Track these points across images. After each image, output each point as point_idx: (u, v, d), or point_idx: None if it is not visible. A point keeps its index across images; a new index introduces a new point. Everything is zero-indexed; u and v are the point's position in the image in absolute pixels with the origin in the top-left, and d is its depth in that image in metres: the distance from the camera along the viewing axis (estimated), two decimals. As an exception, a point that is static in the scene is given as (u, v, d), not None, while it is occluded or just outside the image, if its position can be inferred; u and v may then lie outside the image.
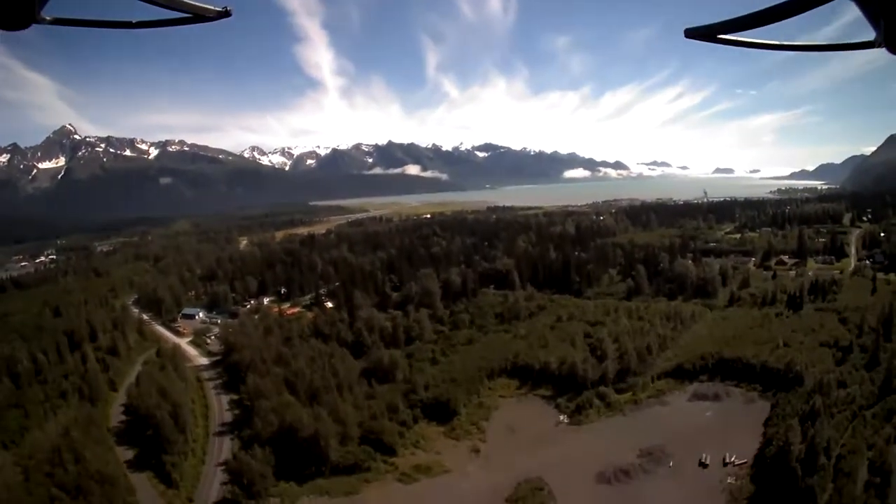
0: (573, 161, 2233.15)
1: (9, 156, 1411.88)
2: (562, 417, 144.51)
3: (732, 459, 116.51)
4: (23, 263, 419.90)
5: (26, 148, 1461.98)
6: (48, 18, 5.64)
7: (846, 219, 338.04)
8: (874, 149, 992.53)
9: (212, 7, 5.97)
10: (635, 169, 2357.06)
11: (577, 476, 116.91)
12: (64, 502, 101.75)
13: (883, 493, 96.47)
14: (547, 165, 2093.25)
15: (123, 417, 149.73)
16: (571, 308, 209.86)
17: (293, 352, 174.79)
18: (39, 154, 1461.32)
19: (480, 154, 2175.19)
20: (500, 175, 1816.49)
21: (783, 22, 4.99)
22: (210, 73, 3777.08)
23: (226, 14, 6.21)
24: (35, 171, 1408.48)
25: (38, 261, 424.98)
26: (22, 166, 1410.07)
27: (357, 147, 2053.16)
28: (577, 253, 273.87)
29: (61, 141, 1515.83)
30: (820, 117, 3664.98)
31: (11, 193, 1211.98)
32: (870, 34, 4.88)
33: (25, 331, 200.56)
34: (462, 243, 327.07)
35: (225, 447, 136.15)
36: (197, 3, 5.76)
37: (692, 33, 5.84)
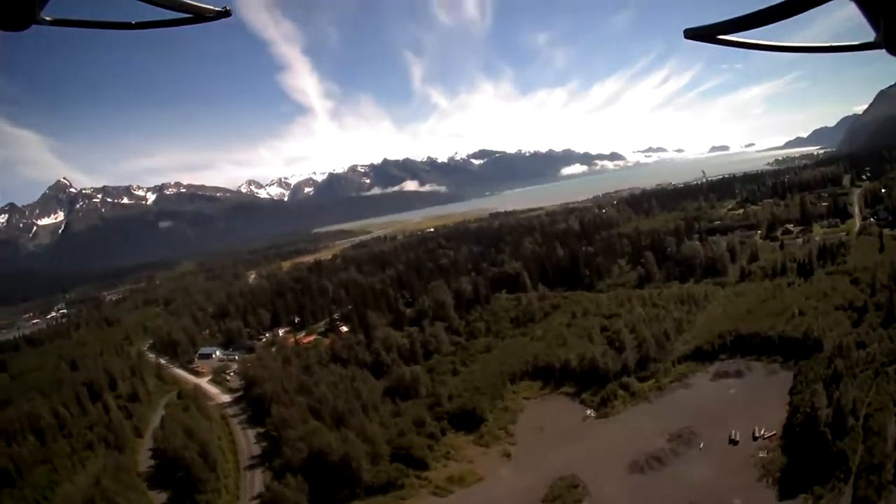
0: (569, 157, 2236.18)
1: (7, 216, 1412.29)
2: (588, 412, 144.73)
3: (762, 433, 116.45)
4: (34, 321, 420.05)
5: (23, 206, 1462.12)
6: (48, 19, 5.66)
7: (846, 180, 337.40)
8: (865, 107, 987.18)
9: (211, 7, 5.98)
10: (631, 158, 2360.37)
11: (610, 468, 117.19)
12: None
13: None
14: (543, 165, 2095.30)
15: (152, 462, 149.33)
16: (585, 303, 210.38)
17: (314, 379, 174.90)
18: (37, 211, 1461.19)
19: (476, 161, 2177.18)
20: (497, 180, 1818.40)
21: (783, 22, 4.95)
22: (196, 110, 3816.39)
23: (225, 14, 6.25)
24: (35, 228, 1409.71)
25: (49, 316, 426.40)
26: (21, 225, 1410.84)
27: (353, 169, 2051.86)
28: (583, 248, 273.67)
29: (57, 196, 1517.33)
30: (808, 82, 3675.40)
31: (12, 252, 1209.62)
32: (870, 34, 4.84)
33: (44, 386, 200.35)
34: (469, 252, 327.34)
35: (257, 480, 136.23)
36: (197, 4, 5.79)
37: (691, 34, 5.76)
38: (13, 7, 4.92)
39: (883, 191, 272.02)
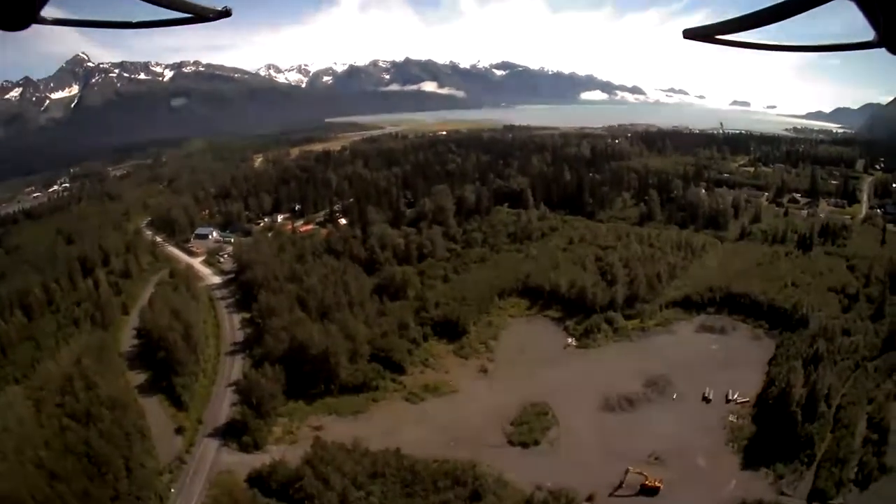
0: (590, 83, 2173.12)
1: (20, 89, 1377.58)
2: (570, 340, 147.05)
3: (735, 397, 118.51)
4: (35, 195, 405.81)
5: (38, 80, 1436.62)
6: (48, 18, 5.80)
7: (859, 165, 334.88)
8: (890, 98, 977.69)
9: (212, 7, 6.15)
10: (652, 95, 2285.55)
11: (582, 401, 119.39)
12: (75, 431, 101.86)
13: (880, 451, 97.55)
14: (564, 86, 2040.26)
15: (136, 341, 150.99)
16: (583, 230, 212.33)
17: (306, 269, 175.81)
18: (52, 85, 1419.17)
19: (498, 72, 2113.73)
20: (516, 94, 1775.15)
21: (783, 22, 5.17)
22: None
23: (226, 14, 6.44)
24: (47, 102, 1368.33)
25: (50, 190, 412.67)
26: (34, 99, 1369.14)
27: (374, 63, 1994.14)
28: (591, 175, 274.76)
29: (74, 70, 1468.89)
30: (839, 59, 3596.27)
31: (23, 126, 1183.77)
32: (870, 34, 5.03)
33: (38, 261, 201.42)
34: (477, 161, 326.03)
35: (236, 367, 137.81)
36: (197, 3, 5.91)
37: (690, 34, 6.04)
38: (13, 7, 5.10)
39: (894, 186, 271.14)
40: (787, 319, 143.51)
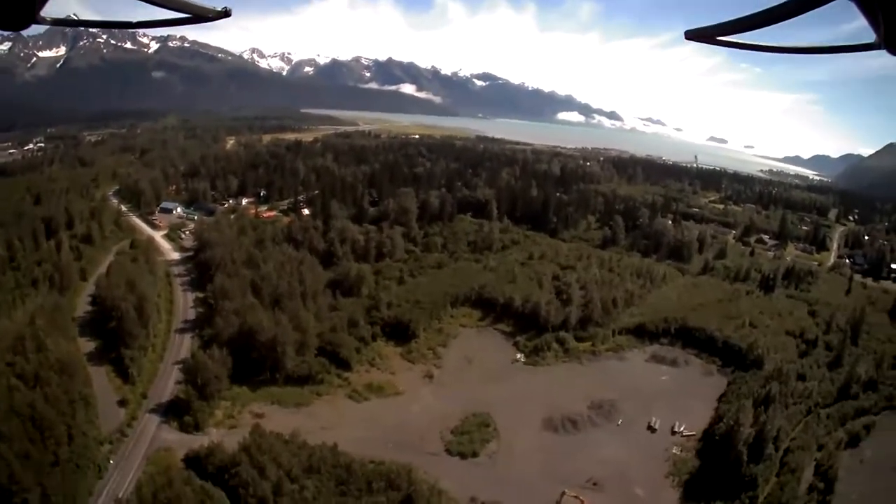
0: (569, 103, 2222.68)
1: (10, 44, 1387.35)
2: (518, 356, 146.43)
3: (681, 429, 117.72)
4: (11, 151, 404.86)
5: (28, 37, 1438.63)
6: (48, 18, 5.79)
7: (832, 214, 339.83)
8: (871, 151, 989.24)
9: (212, 7, 6.02)
10: (630, 122, 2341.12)
11: (525, 417, 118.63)
12: (21, 392, 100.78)
13: (824, 500, 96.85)
14: (542, 103, 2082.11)
15: (90, 308, 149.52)
16: (544, 247, 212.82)
17: (264, 255, 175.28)
18: (41, 43, 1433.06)
19: (478, 82, 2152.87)
20: (494, 106, 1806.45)
21: (783, 22, 4.98)
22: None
23: (226, 14, 6.26)
24: (34, 59, 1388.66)
25: (25, 148, 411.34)
26: (22, 54, 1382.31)
27: (357, 59, 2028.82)
28: (558, 194, 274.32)
29: (63, 30, 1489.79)
30: (822, 107, 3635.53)
31: (8, 80, 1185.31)
32: (870, 35, 4.86)
33: (5, 217, 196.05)
34: (446, 167, 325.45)
35: (185, 345, 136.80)
36: (197, 4, 5.79)
37: (692, 35, 5.89)
38: (13, 7, 4.96)
39: (866, 237, 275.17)
40: (741, 358, 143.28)
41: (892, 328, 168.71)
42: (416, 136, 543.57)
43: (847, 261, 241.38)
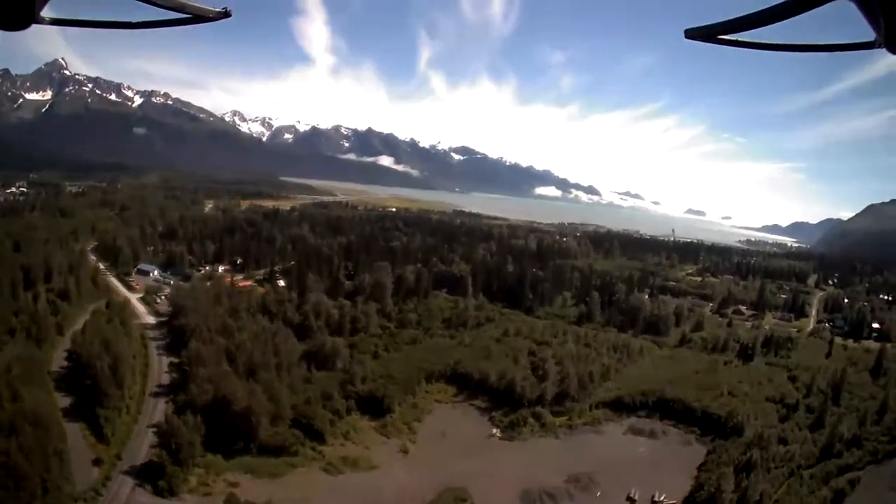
0: (547, 178, 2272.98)
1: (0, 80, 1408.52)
2: (494, 431, 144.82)
3: (661, 499, 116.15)
4: None
5: (17, 75, 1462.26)
6: (48, 19, 5.62)
7: (811, 279, 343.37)
8: (851, 215, 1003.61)
9: (212, 8, 5.97)
10: (607, 196, 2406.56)
11: (502, 492, 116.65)
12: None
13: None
14: (520, 178, 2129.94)
15: (66, 363, 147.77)
16: (520, 324, 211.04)
17: (238, 324, 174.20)
18: (28, 84, 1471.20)
19: (456, 156, 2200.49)
20: (471, 180, 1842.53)
21: (783, 22, 4.91)
22: (204, 27, 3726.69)
23: (226, 15, 6.17)
24: (21, 100, 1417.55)
25: (8, 191, 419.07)
26: (10, 94, 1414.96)
27: (336, 129, 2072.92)
28: (534, 270, 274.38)
29: (51, 74, 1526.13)
30: (803, 175, 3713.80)
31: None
32: (870, 34, 4.80)
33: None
34: (422, 242, 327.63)
35: (159, 409, 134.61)
36: (197, 4, 5.74)
37: (692, 34, 5.73)
38: (13, 7, 4.98)
39: (846, 300, 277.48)
40: (720, 427, 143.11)
41: (874, 385, 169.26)
42: (394, 209, 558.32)
43: (827, 325, 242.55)
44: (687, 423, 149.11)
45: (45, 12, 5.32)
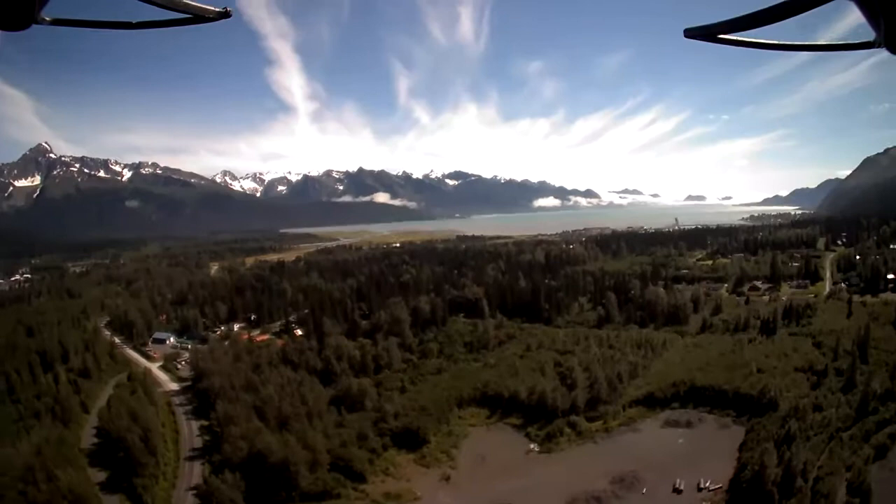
0: (544, 189, 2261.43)
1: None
2: (532, 446, 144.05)
3: (707, 484, 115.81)
4: None
5: (2, 164, 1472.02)
6: (48, 19, 5.56)
7: (820, 243, 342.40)
8: (849, 172, 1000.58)
9: (212, 7, 5.90)
10: (606, 197, 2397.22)
11: (549, 503, 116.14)
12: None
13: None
14: (517, 194, 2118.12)
15: (95, 440, 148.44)
16: (541, 336, 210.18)
17: (262, 379, 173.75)
18: (16, 172, 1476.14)
19: (450, 182, 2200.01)
20: (470, 203, 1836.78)
21: (783, 22, 4.92)
22: (182, 94, 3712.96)
23: (226, 14, 6.13)
24: (11, 188, 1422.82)
25: (12, 279, 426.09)
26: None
27: (328, 174, 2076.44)
28: (546, 281, 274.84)
29: (37, 159, 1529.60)
30: (795, 140, 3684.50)
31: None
32: (870, 34, 4.83)
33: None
34: (431, 272, 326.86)
35: (195, 472, 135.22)
36: (197, 4, 5.72)
37: (692, 33, 5.72)
38: (13, 7, 4.95)
39: (857, 257, 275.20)
40: (754, 405, 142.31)
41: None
42: (397, 245, 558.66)
43: (843, 285, 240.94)
44: (721, 407, 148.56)
45: (46, 12, 5.34)
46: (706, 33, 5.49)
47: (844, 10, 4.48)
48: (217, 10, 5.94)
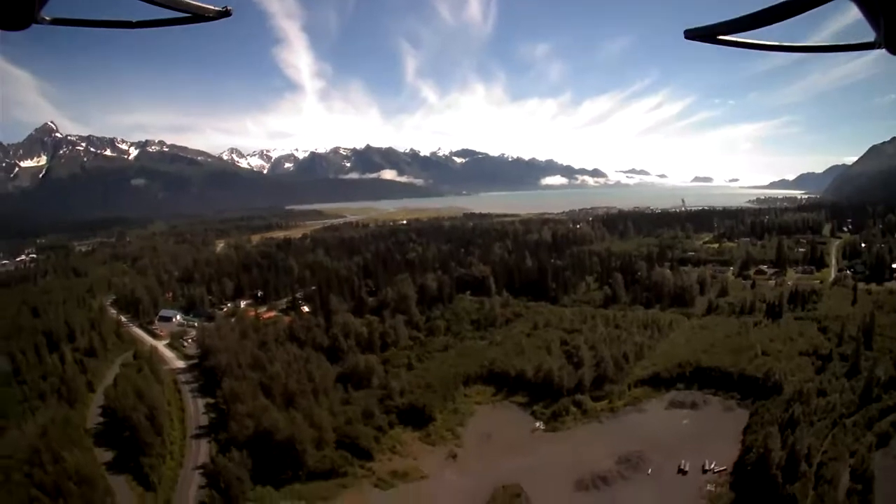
0: (551, 168, 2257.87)
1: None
2: (538, 424, 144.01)
3: (712, 466, 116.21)
4: (3, 262, 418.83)
5: (8, 145, 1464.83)
6: (48, 18, 5.67)
7: (826, 229, 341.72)
8: (855, 159, 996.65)
9: (212, 7, 6.01)
10: (613, 177, 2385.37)
11: (555, 482, 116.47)
12: (43, 503, 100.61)
13: (865, 500, 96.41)
14: (524, 172, 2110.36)
15: (101, 419, 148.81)
16: (548, 315, 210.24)
17: (269, 356, 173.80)
18: (21, 152, 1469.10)
19: (458, 160, 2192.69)
20: (477, 181, 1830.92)
21: (783, 22, 4.97)
22: (189, 73, 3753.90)
23: (226, 14, 6.25)
24: (17, 169, 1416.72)
25: (17, 259, 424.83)
26: (4, 164, 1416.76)
27: (335, 151, 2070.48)
28: (553, 260, 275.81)
29: (43, 139, 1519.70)
30: (800, 127, 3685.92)
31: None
32: (870, 34, 4.86)
33: (4, 330, 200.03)
34: (438, 249, 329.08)
35: (202, 451, 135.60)
36: (197, 3, 5.81)
37: (692, 34, 5.82)
38: (13, 6, 5.01)
39: (863, 245, 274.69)
40: (759, 388, 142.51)
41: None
42: (404, 222, 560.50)
43: (848, 272, 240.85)
44: (726, 389, 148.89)
45: (46, 12, 5.45)
46: (706, 34, 5.62)
47: (844, 10, 4.66)
48: (217, 9, 6.11)
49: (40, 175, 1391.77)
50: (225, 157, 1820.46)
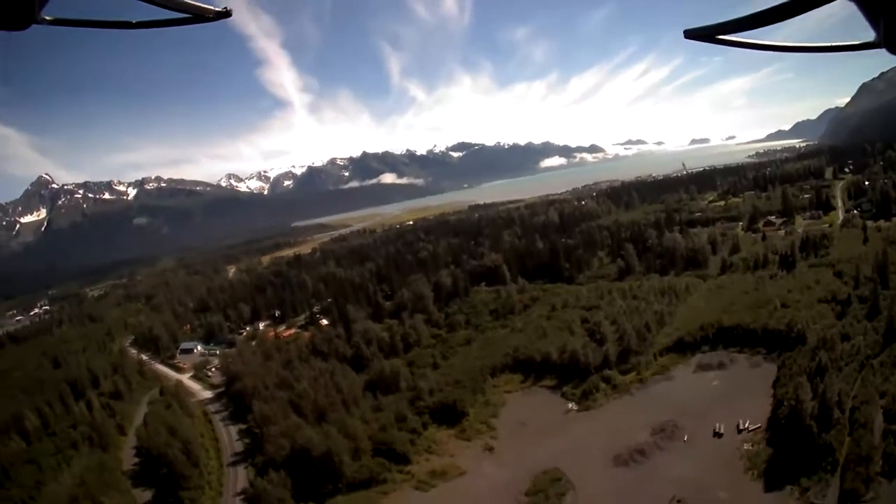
0: (548, 150, 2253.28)
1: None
2: (570, 405, 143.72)
3: (746, 425, 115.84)
4: (18, 318, 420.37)
5: (6, 203, 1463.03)
6: (48, 18, 5.64)
7: (828, 173, 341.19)
8: (848, 99, 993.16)
9: (211, 7, 5.98)
10: (611, 150, 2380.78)
11: (593, 461, 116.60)
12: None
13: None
14: (522, 157, 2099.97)
15: (136, 460, 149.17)
16: (565, 295, 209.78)
17: (295, 374, 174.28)
18: (20, 208, 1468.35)
19: (455, 154, 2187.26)
20: (476, 173, 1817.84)
21: (783, 22, 4.99)
22: (176, 105, 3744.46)
23: (226, 14, 6.26)
24: (18, 226, 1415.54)
25: (32, 313, 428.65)
26: (5, 223, 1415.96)
27: (332, 162, 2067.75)
28: (563, 240, 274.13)
29: (40, 192, 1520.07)
30: (789, 74, 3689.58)
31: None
32: (870, 34, 4.90)
33: (27, 385, 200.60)
34: (448, 245, 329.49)
35: (240, 476, 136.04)
36: (197, 3, 5.77)
37: (692, 34, 5.83)
38: (13, 7, 4.93)
39: (866, 183, 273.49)
40: (783, 340, 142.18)
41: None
42: (411, 222, 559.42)
43: (856, 211, 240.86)
44: (751, 345, 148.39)
45: (46, 12, 5.45)
46: (706, 34, 5.64)
47: (844, 10, 4.72)
48: (216, 9, 6.17)
49: (42, 228, 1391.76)
50: (223, 184, 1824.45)
